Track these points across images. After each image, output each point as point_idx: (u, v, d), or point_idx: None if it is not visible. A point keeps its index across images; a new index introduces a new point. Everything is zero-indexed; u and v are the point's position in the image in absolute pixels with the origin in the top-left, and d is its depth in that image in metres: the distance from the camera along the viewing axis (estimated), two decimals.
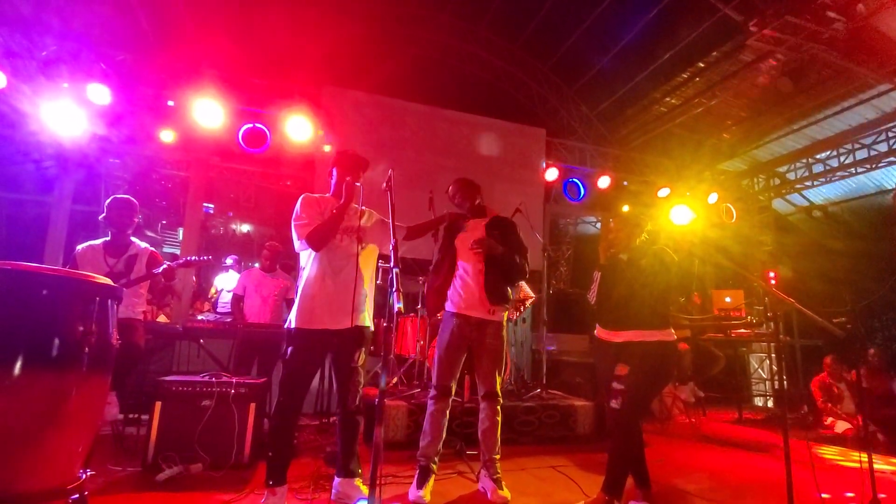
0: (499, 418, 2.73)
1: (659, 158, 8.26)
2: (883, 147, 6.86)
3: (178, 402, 2.87)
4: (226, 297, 5.49)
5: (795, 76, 5.23)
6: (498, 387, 2.74)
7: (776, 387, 8.30)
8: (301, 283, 2.45)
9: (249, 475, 2.76)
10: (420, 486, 2.57)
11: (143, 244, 3.43)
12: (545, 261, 4.91)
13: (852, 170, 7.31)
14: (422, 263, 5.60)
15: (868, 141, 7.00)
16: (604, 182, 7.40)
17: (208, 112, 5.40)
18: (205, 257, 3.49)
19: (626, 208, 7.70)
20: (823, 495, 2.93)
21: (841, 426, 5.42)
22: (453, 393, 2.77)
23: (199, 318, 4.61)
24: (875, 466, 3.90)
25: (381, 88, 6.32)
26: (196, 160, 6.15)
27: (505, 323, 2.82)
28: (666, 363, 2.66)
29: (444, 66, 7.44)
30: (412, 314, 4.75)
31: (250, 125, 5.60)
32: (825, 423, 5.77)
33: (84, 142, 5.50)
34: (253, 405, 2.95)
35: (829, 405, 5.59)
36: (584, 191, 7.56)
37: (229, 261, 6.95)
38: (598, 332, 2.77)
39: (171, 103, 5.62)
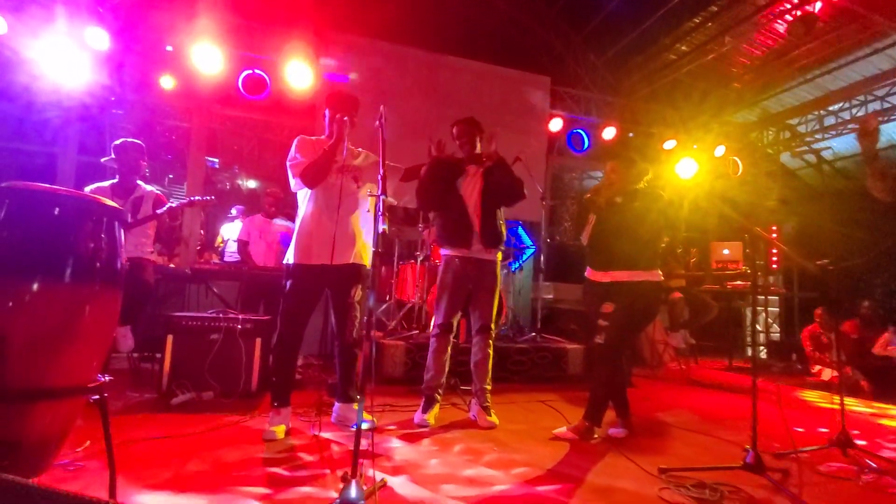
0: (490, 351, 2.92)
1: (666, 109, 8.09)
2: None
3: (189, 336, 3.05)
4: (232, 247, 5.62)
5: (809, 22, 5.04)
6: (492, 321, 2.91)
7: (761, 333, 8.49)
8: (298, 221, 2.55)
9: (257, 402, 2.97)
10: (425, 411, 2.79)
11: (149, 187, 3.55)
12: (543, 210, 4.95)
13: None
14: (422, 213, 5.67)
15: (882, 93, 6.81)
16: (609, 133, 7.30)
17: (207, 57, 5.33)
18: (208, 197, 3.58)
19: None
20: (798, 429, 3.12)
21: (827, 374, 5.61)
22: (454, 330, 2.94)
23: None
24: (856, 409, 4.11)
25: (382, 33, 6.17)
26: (197, 107, 6.13)
27: (499, 261, 2.97)
28: (651, 303, 2.80)
29: (447, 9, 7.18)
30: (411, 261, 4.87)
31: (250, 71, 5.54)
32: (813, 371, 5.96)
33: (85, 91, 5.50)
34: (259, 340, 3.13)
35: (817, 354, 5.75)
36: (589, 142, 7.47)
37: (234, 211, 7.05)
38: (589, 272, 2.88)
39: (169, 48, 5.55)
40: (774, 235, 8.09)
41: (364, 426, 2.48)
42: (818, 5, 5.18)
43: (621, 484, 1.98)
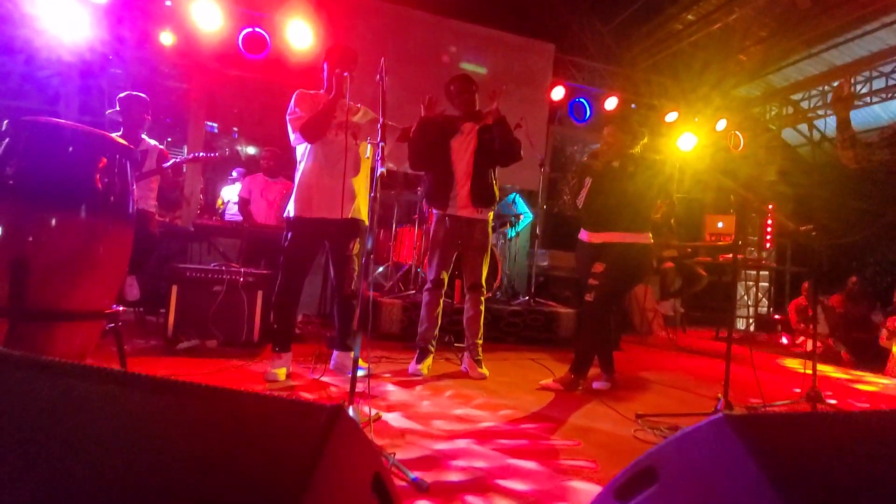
0: (482, 308, 3.02)
1: (669, 80, 8.02)
2: None
3: (193, 287, 3.16)
4: (233, 209, 5.68)
5: None
6: (483, 279, 3.00)
7: (751, 306, 8.67)
8: (298, 175, 2.61)
9: (259, 350, 3.11)
10: (419, 362, 2.91)
11: (153, 141, 3.59)
12: (541, 177, 5.01)
13: (867, 99, 7.11)
14: (421, 178, 5.71)
15: (887, 69, 6.76)
16: (611, 103, 7.27)
17: (206, 13, 5.27)
18: (213, 154, 3.64)
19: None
20: (772, 389, 3.27)
21: (811, 344, 5.78)
22: (445, 285, 3.03)
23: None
24: (833, 375, 4.28)
25: None
26: (197, 67, 6.08)
27: (491, 221, 3.04)
28: (640, 264, 2.89)
29: None
30: (409, 225, 4.95)
31: (250, 29, 5.48)
32: (797, 341, 6.15)
33: (85, 47, 5.45)
34: (260, 292, 3.24)
35: (802, 325, 5.92)
36: (591, 112, 7.45)
37: (234, 173, 7.08)
38: (582, 234, 2.96)
39: (168, 3, 5.48)
40: (770, 214, 8.14)
41: (360, 373, 2.65)
42: None
43: (599, 426, 2.12)
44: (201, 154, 3.62)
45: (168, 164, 3.38)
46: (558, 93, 7.09)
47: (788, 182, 8.84)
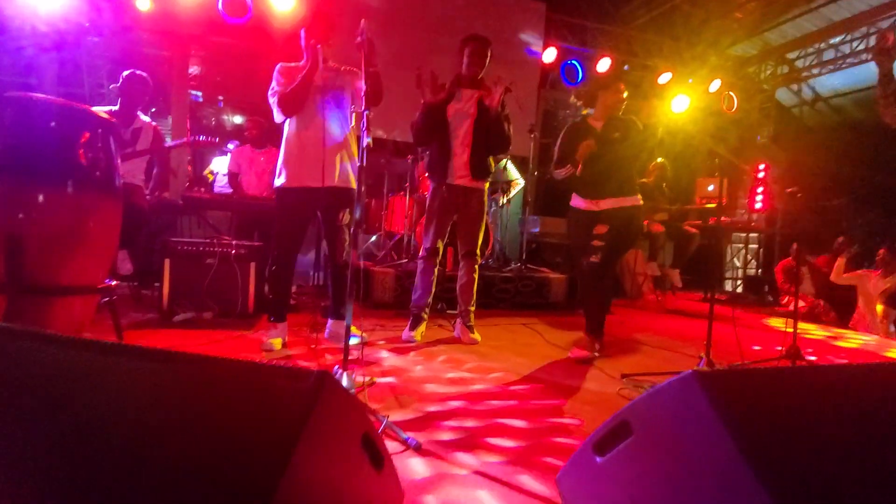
0: (475, 275, 3.06)
1: (663, 39, 7.85)
2: None
3: (185, 260, 3.17)
4: (222, 181, 5.63)
5: None
6: (478, 248, 3.04)
7: (739, 269, 8.82)
8: (283, 145, 2.59)
9: (255, 321, 3.16)
10: (412, 329, 2.97)
11: (147, 118, 3.60)
12: (532, 142, 4.98)
13: (864, 56, 7.02)
14: (411, 146, 5.66)
15: (886, 24, 6.64)
16: (603, 65, 7.14)
17: None
18: (212, 139, 3.66)
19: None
20: (756, 348, 3.39)
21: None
22: (440, 254, 3.06)
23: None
24: (816, 333, 4.40)
25: None
26: (176, 32, 5.89)
27: (486, 190, 3.04)
28: (639, 226, 2.96)
29: None
30: (400, 193, 4.94)
31: None
32: (783, 302, 6.29)
33: (59, 17, 5.24)
34: (253, 264, 3.27)
35: (787, 286, 6.04)
36: (583, 74, 7.32)
37: (231, 146, 6.94)
38: (577, 201, 2.93)
39: None
40: (762, 174, 8.15)
41: (354, 340, 2.71)
42: None
43: (586, 385, 2.21)
44: (202, 138, 3.60)
45: (174, 144, 3.41)
46: (550, 55, 6.95)
47: (780, 144, 8.81)
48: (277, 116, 2.55)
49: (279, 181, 2.57)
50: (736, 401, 0.78)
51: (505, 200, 5.32)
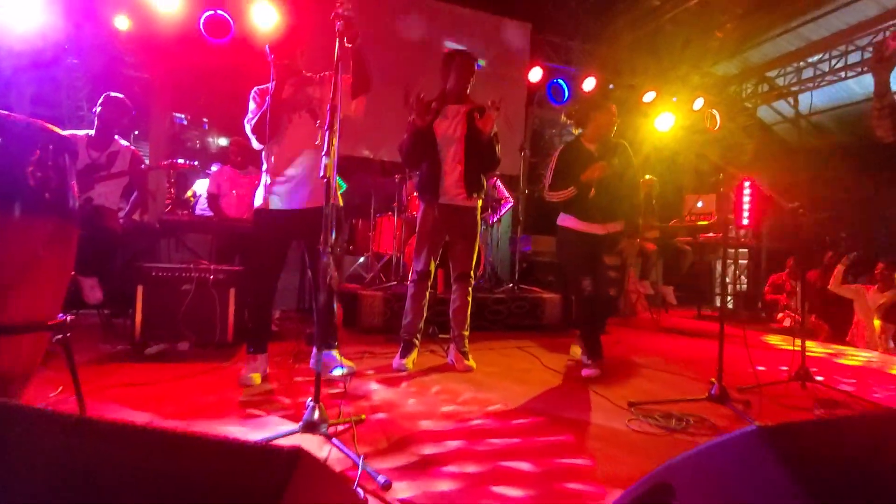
0: (469, 298, 2.92)
1: (647, 58, 7.95)
2: None
3: (160, 287, 2.97)
4: (204, 203, 5.43)
5: None
6: (471, 269, 2.90)
7: (738, 289, 8.81)
8: (263, 165, 2.45)
9: (233, 352, 2.95)
10: (403, 356, 2.80)
11: (125, 142, 3.50)
12: (522, 161, 4.90)
13: (842, 74, 7.16)
14: (399, 165, 5.55)
15: (863, 42, 6.79)
16: (589, 84, 7.17)
17: None
18: (193, 162, 3.53)
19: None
20: (760, 368, 3.27)
21: (789, 321, 5.88)
22: (432, 277, 2.92)
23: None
24: (815, 350, 4.31)
25: None
26: (157, 52, 5.76)
27: (479, 208, 2.92)
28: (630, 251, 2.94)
29: None
30: (388, 213, 4.80)
31: (211, 12, 5.19)
32: (776, 318, 6.23)
33: (37, 36, 5.09)
34: (233, 290, 3.07)
35: (773, 296, 5.98)
36: (569, 93, 7.35)
37: (215, 167, 6.76)
38: (572, 222, 2.87)
39: None
40: (749, 190, 8.20)
41: (342, 371, 2.53)
42: None
43: (592, 417, 2.05)
44: (181, 161, 3.46)
45: (146, 167, 3.28)
46: (536, 74, 6.96)
47: (764, 161, 8.91)
48: (255, 144, 2.43)
49: (257, 202, 2.42)
50: (812, 459, 0.64)
51: (496, 219, 5.21)
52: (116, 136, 3.46)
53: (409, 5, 6.24)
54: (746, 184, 8.25)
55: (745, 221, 8.16)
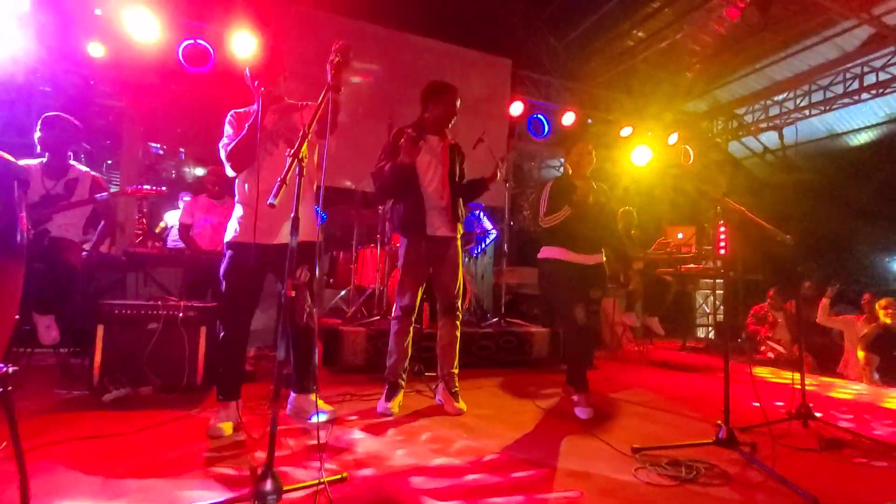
0: (458, 333, 2.81)
1: (623, 96, 8.19)
2: (839, 89, 7.01)
3: (123, 326, 2.75)
4: (176, 234, 5.20)
5: (763, 6, 5.16)
6: (458, 299, 2.80)
7: (717, 319, 8.87)
8: (237, 194, 2.31)
9: (203, 396, 2.71)
10: (388, 399, 2.63)
11: (85, 168, 3.28)
12: (507, 193, 4.86)
13: (807, 112, 7.48)
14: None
15: (825, 82, 7.13)
16: (568, 119, 7.30)
17: (142, 24, 4.87)
18: (159, 188, 3.33)
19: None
20: (754, 404, 3.18)
21: (774, 350, 5.88)
22: (416, 312, 2.80)
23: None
24: (807, 383, 4.27)
25: (339, 7, 5.84)
26: (133, 82, 5.61)
27: (459, 237, 2.85)
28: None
29: None
30: (371, 245, 4.67)
31: (191, 41, 5.10)
32: (760, 349, 6.23)
33: (6, 61, 4.90)
34: (203, 328, 2.86)
35: (756, 328, 5.99)
36: (549, 127, 7.46)
37: (187, 198, 6.54)
38: (559, 253, 2.87)
39: (98, 12, 5.03)
40: (723, 223, 8.36)
41: (323, 417, 2.33)
42: None
43: (596, 467, 1.90)
44: (147, 187, 3.26)
45: (103, 196, 3.04)
46: (517, 108, 7.06)
47: (735, 195, 9.16)
48: (228, 171, 2.29)
49: (229, 235, 2.26)
50: None
51: (479, 251, 5.13)
52: (73, 162, 3.22)
53: (390, 40, 6.30)
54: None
55: (723, 251, 8.30)
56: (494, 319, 4.49)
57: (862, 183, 9.09)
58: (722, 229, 8.28)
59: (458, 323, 2.79)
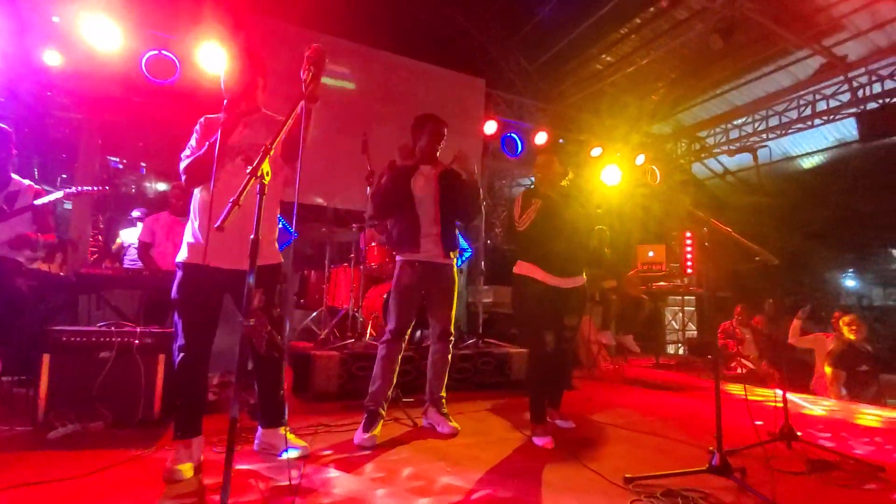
0: (450, 357, 2.81)
1: (593, 117, 8.38)
2: (793, 114, 7.37)
3: (71, 355, 2.51)
4: (133, 254, 4.88)
5: (725, 35, 5.38)
6: (451, 326, 2.80)
7: (686, 336, 9.05)
8: (193, 212, 2.12)
9: (161, 432, 2.48)
10: (367, 429, 2.48)
11: (27, 181, 3.03)
12: (483, 212, 4.80)
13: (764, 136, 7.83)
14: (355, 214, 5.32)
15: (780, 108, 7.49)
16: (541, 138, 7.39)
17: (104, 33, 4.65)
18: (99, 187, 3.07)
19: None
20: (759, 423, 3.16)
21: (744, 367, 5.98)
22: (407, 338, 2.75)
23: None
24: (778, 401, 4.32)
25: (311, 23, 5.75)
26: (92, 91, 5.33)
27: (456, 265, 2.85)
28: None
29: (381, 4, 6.90)
30: (344, 264, 4.51)
31: (156, 52, 4.90)
32: (731, 365, 6.34)
33: None
34: (162, 356, 2.64)
35: (727, 343, 6.11)
36: (522, 146, 7.53)
37: (137, 213, 6.20)
38: (540, 274, 2.74)
39: (56, 19, 4.77)
40: (689, 241, 8.60)
41: (294, 454, 2.15)
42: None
43: (591, 501, 1.80)
44: (86, 188, 3.01)
45: (41, 201, 2.76)
46: (491, 127, 7.10)
47: (697, 219, 9.47)
48: (184, 184, 2.12)
49: (182, 255, 2.07)
50: None
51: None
52: (14, 176, 2.99)
53: (366, 57, 6.25)
54: (688, 234, 8.68)
55: (690, 270, 8.51)
56: (472, 340, 4.38)
57: (815, 204, 9.56)
58: (688, 248, 8.56)
59: (450, 347, 2.80)
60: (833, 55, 6.41)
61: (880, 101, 6.51)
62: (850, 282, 12.61)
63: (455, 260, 2.85)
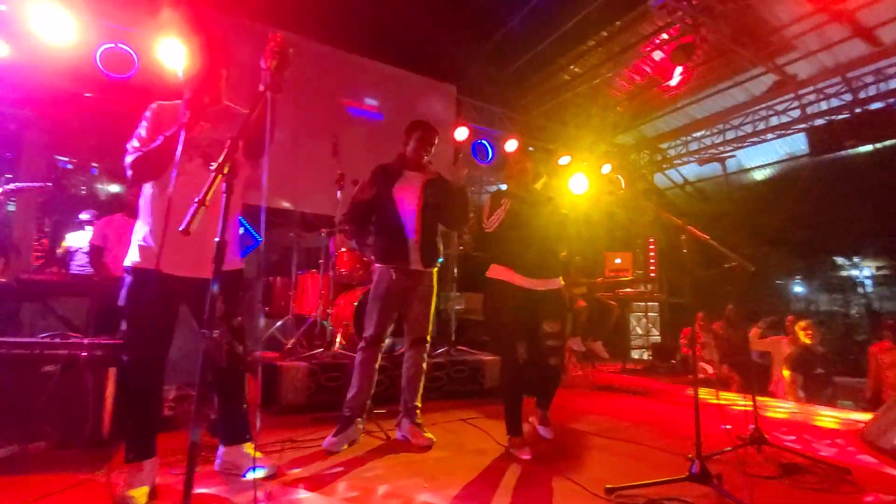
0: (425, 365, 2.76)
1: (560, 127, 8.53)
2: (748, 128, 7.72)
3: (12, 368, 2.28)
4: (81, 259, 4.54)
5: (689, 49, 5.57)
6: (428, 334, 2.75)
7: (650, 341, 9.27)
8: (143, 209, 1.92)
9: (110, 453, 2.27)
10: (336, 434, 2.45)
11: None
12: (470, 218, 4.76)
13: (722, 148, 8.16)
14: (323, 219, 5.17)
15: (737, 122, 7.83)
16: (511, 145, 7.41)
17: (56, 24, 4.35)
18: (42, 184, 2.84)
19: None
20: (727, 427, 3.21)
21: (704, 371, 6.16)
22: (384, 344, 2.69)
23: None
24: (741, 404, 4.44)
25: (278, 21, 5.58)
26: (40, 85, 4.98)
27: (436, 273, 2.82)
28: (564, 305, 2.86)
29: (351, 6, 6.78)
30: (312, 270, 4.36)
31: (112, 45, 4.63)
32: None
33: None
34: (112, 370, 2.44)
35: (686, 348, 6.29)
36: (493, 153, 7.57)
37: (86, 216, 5.79)
38: (513, 277, 2.65)
39: (3, 7, 4.43)
40: (652, 248, 8.84)
41: (260, 473, 2.01)
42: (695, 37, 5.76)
43: None
44: (25, 185, 2.78)
45: None
46: (462, 133, 7.07)
47: (660, 223, 9.77)
48: (129, 178, 1.89)
49: (131, 258, 1.87)
50: None
51: None
52: None
53: (335, 59, 6.12)
54: (651, 240, 8.92)
55: (653, 275, 8.75)
56: (444, 348, 4.31)
57: (767, 213, 10.03)
58: (651, 255, 8.80)
59: (425, 355, 2.75)
60: (785, 73, 6.75)
61: (827, 118, 6.91)
62: (798, 288, 13.28)
63: (435, 270, 2.81)
